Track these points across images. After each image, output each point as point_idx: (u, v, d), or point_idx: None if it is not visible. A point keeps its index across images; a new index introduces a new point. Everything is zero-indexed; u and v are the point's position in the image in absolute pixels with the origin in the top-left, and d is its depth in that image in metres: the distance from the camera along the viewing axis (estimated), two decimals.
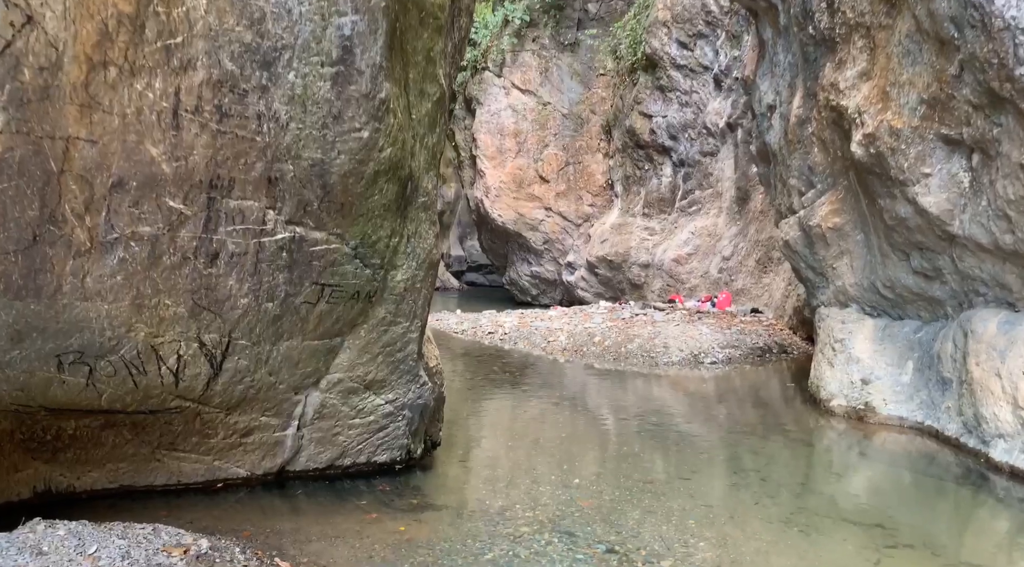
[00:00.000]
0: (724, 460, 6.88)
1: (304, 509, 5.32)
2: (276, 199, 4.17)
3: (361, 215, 4.53)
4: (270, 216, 4.22)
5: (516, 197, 22.27)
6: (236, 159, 3.95)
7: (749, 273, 17.72)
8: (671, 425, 8.18)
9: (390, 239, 4.79)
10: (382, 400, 5.60)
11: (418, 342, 5.48)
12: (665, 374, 11.77)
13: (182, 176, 3.84)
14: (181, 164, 3.79)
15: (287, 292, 4.59)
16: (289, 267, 4.48)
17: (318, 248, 4.50)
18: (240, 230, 4.17)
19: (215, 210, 4.03)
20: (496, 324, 16.10)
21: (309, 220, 4.36)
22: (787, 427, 8.33)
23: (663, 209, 20.08)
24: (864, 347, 8.65)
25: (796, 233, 9.54)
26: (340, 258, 4.63)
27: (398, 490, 5.74)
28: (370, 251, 4.73)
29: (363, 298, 4.90)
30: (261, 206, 4.15)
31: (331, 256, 4.58)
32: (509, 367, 11.98)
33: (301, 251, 4.45)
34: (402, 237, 4.89)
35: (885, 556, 4.73)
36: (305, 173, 4.18)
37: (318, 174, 4.22)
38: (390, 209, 4.65)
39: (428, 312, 5.61)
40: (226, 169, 3.93)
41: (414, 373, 5.63)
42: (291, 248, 4.40)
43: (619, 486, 5.95)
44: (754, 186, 17.66)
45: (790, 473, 6.61)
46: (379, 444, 5.82)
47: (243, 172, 3.99)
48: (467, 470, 6.36)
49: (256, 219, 4.18)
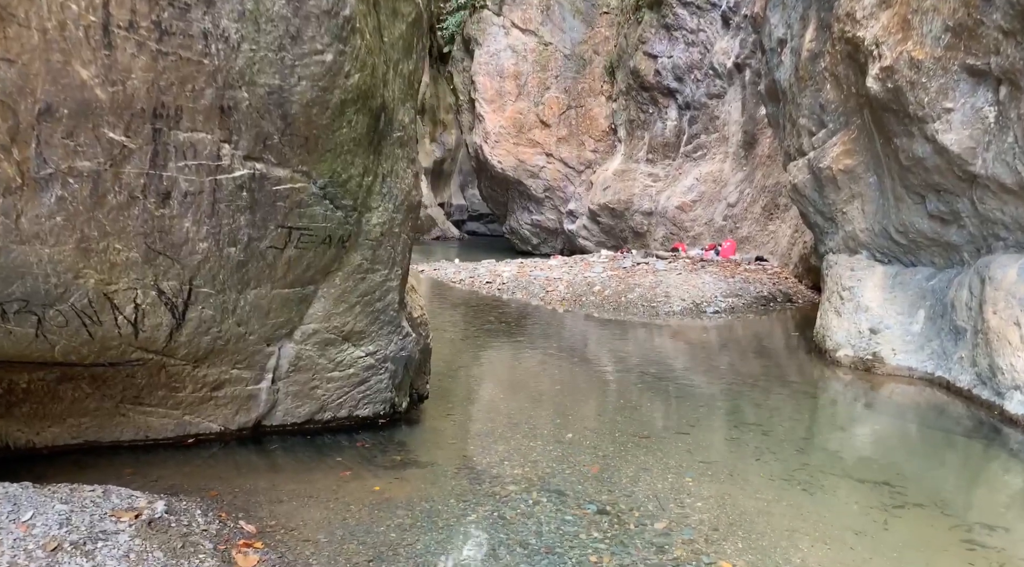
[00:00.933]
0: (724, 413, 6.59)
1: (280, 465, 5.04)
2: (231, 131, 3.75)
3: (329, 151, 4.12)
4: (225, 151, 3.81)
5: (516, 143, 21.67)
6: (182, 85, 3.52)
7: (755, 220, 17.25)
8: (670, 376, 7.88)
9: (363, 178, 4.39)
10: (362, 352, 5.27)
11: (399, 291, 5.12)
12: (666, 324, 11.44)
13: (121, 103, 3.42)
14: (118, 89, 3.37)
15: (250, 236, 4.21)
16: (251, 208, 4.09)
17: (282, 187, 4.11)
18: (193, 166, 3.77)
19: (162, 143, 3.63)
20: (494, 274, 15.75)
21: (270, 156, 3.96)
22: (791, 378, 8.03)
23: (667, 154, 19.51)
24: (873, 295, 8.28)
25: (805, 176, 9.08)
26: (307, 199, 4.23)
27: (381, 446, 5.46)
28: (341, 191, 4.33)
29: (336, 243, 4.52)
30: (214, 139, 3.74)
31: (297, 196, 4.18)
32: (506, 317, 11.66)
33: (263, 190, 4.05)
34: (376, 176, 4.48)
35: (893, 516, 4.44)
36: (262, 102, 3.75)
37: (277, 103, 3.79)
38: (361, 144, 4.23)
39: (409, 259, 5.23)
40: (171, 96, 3.51)
41: (396, 324, 5.29)
42: (252, 187, 4.00)
43: (614, 441, 5.66)
44: (761, 130, 17.07)
45: (793, 427, 6.31)
46: (361, 398, 5.51)
47: (191, 100, 3.57)
48: (455, 424, 6.07)
49: (210, 154, 3.77)
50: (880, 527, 4.29)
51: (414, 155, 4.70)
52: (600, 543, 3.94)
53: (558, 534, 4.04)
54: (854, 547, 3.99)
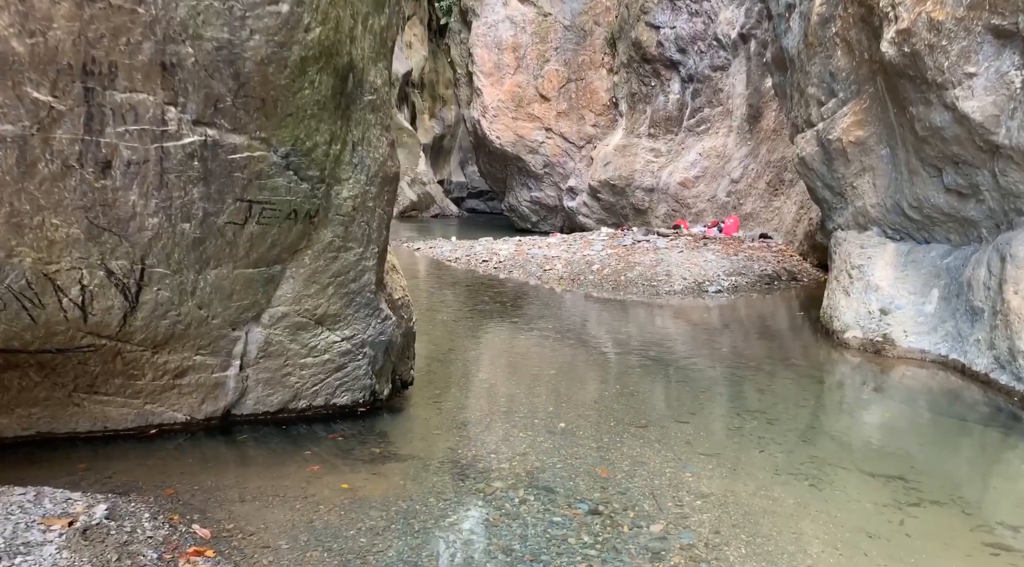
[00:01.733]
0: (727, 400, 6.22)
1: (249, 459, 4.69)
2: (176, 92, 3.34)
3: (290, 115, 3.71)
4: (171, 114, 3.41)
5: (515, 117, 21.16)
6: (115, 37, 3.11)
7: (759, 196, 16.80)
8: (670, 359, 7.51)
9: (330, 146, 3.98)
10: (337, 337, 4.90)
11: (375, 271, 4.74)
12: (667, 304, 11.06)
13: (43, 57, 3.02)
14: (38, 41, 2.96)
15: (206, 210, 3.82)
16: (204, 179, 3.69)
17: (239, 156, 3.70)
18: (134, 132, 3.37)
19: (97, 105, 3.22)
20: (491, 252, 15.35)
21: (223, 120, 3.55)
22: (796, 362, 7.65)
23: (670, 129, 19.00)
24: (884, 274, 7.88)
25: (813, 148, 8.63)
26: (268, 169, 3.83)
27: (360, 436, 5.10)
28: (305, 161, 3.93)
29: (302, 218, 4.13)
30: (157, 101, 3.33)
31: (256, 166, 3.78)
32: (501, 297, 11.28)
33: (217, 160, 3.65)
34: (345, 144, 4.07)
35: (909, 516, 4.09)
36: (210, 58, 3.34)
37: (227, 60, 3.38)
38: (326, 108, 3.82)
39: (387, 236, 4.84)
40: (103, 50, 3.10)
41: (373, 306, 4.91)
42: (204, 156, 3.60)
43: (610, 430, 5.30)
44: (767, 103, 16.56)
45: (800, 415, 5.95)
46: (338, 385, 5.15)
47: (127, 55, 3.16)
48: (441, 413, 5.71)
49: (153, 118, 3.36)
50: (895, 528, 3.93)
51: (388, 122, 4.29)
52: (590, 549, 3.58)
53: (545, 538, 3.68)
54: (868, 552, 3.63)
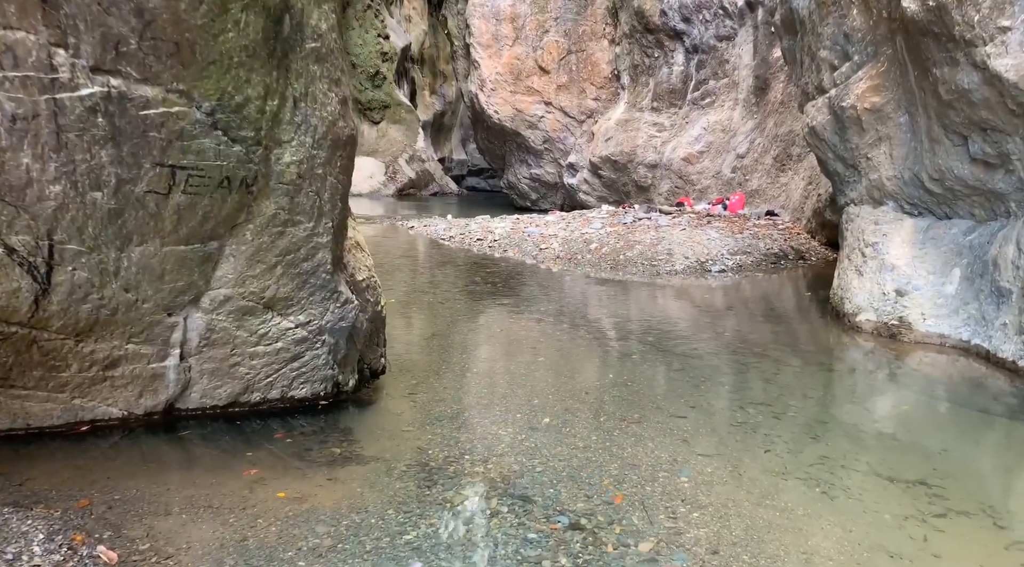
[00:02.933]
0: (729, 391, 5.68)
1: (191, 459, 4.18)
2: (64, 31, 2.78)
3: (212, 63, 3.14)
4: (61, 59, 2.85)
5: (513, 91, 20.47)
6: None
7: (765, 172, 16.16)
8: (669, 345, 6.96)
9: (265, 102, 3.41)
10: (290, 323, 4.36)
11: (331, 249, 4.18)
12: (668, 284, 10.50)
13: None
14: None
15: (119, 177, 3.26)
16: (113, 140, 3.13)
17: (153, 112, 3.14)
18: (15, 80, 2.81)
19: None
20: (486, 230, 14.79)
21: (129, 68, 2.98)
22: (805, 347, 7.10)
23: (673, 102, 18.30)
24: (901, 252, 7.30)
25: (825, 117, 8.01)
26: (191, 128, 3.27)
27: (321, 433, 4.59)
28: (236, 118, 3.36)
29: (237, 187, 3.57)
30: (40, 41, 2.77)
31: (176, 125, 3.22)
32: (493, 277, 10.73)
33: (126, 116, 3.09)
34: (284, 100, 3.50)
35: (934, 530, 3.55)
36: None
37: None
38: (257, 56, 3.25)
39: (345, 208, 4.28)
40: None
41: (330, 289, 4.36)
42: (109, 111, 3.04)
43: (599, 427, 4.77)
44: (774, 74, 15.86)
45: (808, 407, 5.41)
46: (295, 376, 4.63)
47: None
48: (415, 406, 5.18)
49: (38, 63, 2.80)
50: (920, 546, 3.40)
51: (339, 75, 3.71)
52: None
53: (515, 561, 3.16)
54: None
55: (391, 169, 30.38)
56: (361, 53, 31.77)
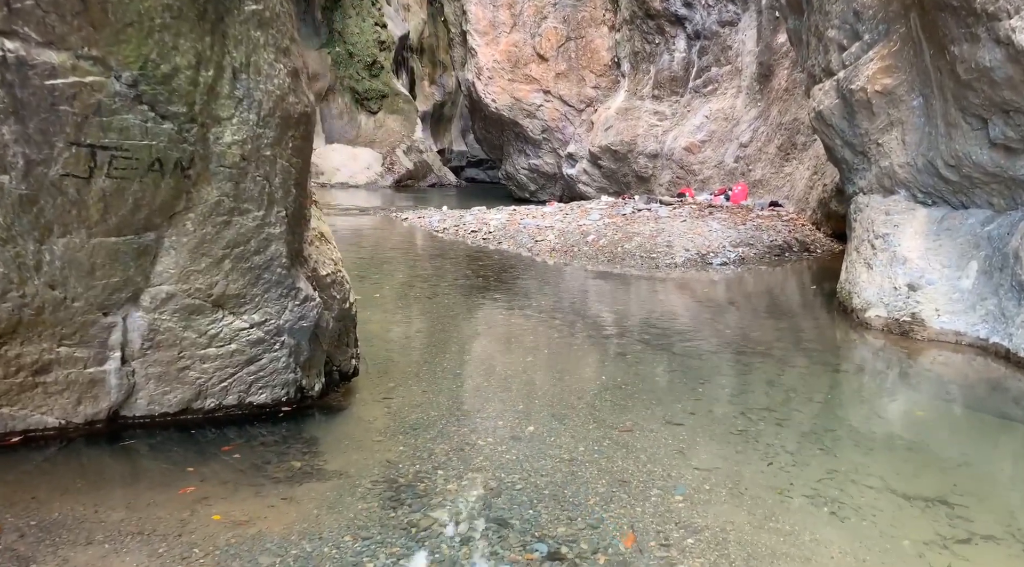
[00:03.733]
0: (730, 394, 5.26)
1: (135, 473, 3.79)
2: None
3: (130, 25, 2.73)
4: None
5: (511, 79, 19.99)
6: None
7: (769, 162, 15.70)
8: (667, 344, 6.55)
9: (197, 72, 2.99)
10: (244, 322, 3.95)
11: (286, 240, 3.77)
12: (667, 277, 10.08)
13: None
14: None
15: (28, 158, 2.85)
16: (16, 114, 2.72)
17: (62, 82, 2.72)
18: None
19: None
20: (481, 222, 14.38)
21: (28, 29, 2.57)
22: (810, 345, 6.68)
23: (675, 90, 17.82)
24: (913, 244, 6.87)
25: (832, 101, 7.57)
26: (110, 102, 2.85)
27: (282, 444, 4.18)
28: (164, 91, 2.95)
29: (172, 170, 3.15)
30: None
31: (91, 97, 2.80)
32: (485, 271, 10.31)
33: (29, 86, 2.68)
34: (221, 70, 3.08)
35: (959, 559, 3.14)
36: None
37: None
38: (184, 18, 2.83)
39: (303, 196, 3.86)
40: None
41: (287, 285, 3.95)
42: (7, 80, 2.62)
43: (587, 437, 4.36)
44: (778, 60, 15.38)
45: (815, 413, 4.99)
46: (253, 381, 4.22)
47: None
48: (389, 412, 4.77)
49: None
50: None
51: (287, 43, 3.29)
52: None
53: None
54: None
55: (388, 160, 29.94)
56: (358, 42, 31.28)
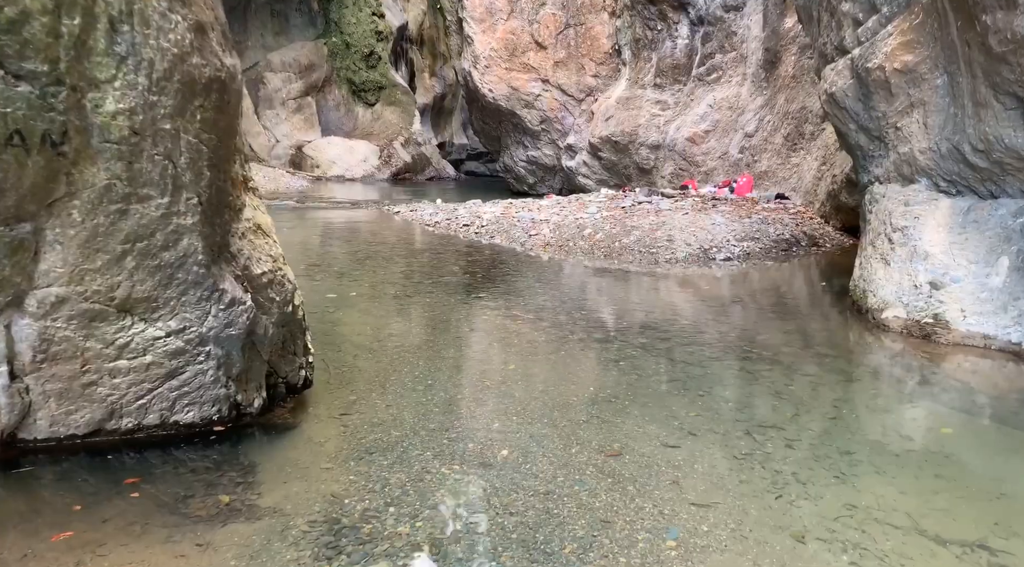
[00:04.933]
0: (734, 409, 4.65)
1: (20, 512, 3.19)
2: None
3: None
4: None
5: (508, 68, 19.35)
6: None
7: (775, 152, 15.04)
8: (664, 349, 5.94)
9: (58, 20, 2.39)
10: (159, 330, 3.35)
11: (202, 234, 3.17)
12: (668, 274, 9.46)
13: None
14: None
15: None
16: None
17: None
18: None
19: None
20: (474, 215, 13.76)
21: None
22: (822, 350, 6.05)
23: (677, 78, 17.15)
24: (936, 237, 6.24)
25: (846, 81, 6.92)
26: None
27: (213, 471, 3.60)
28: (12, 43, 2.34)
29: (39, 146, 2.56)
30: None
31: None
32: (474, 267, 9.71)
33: None
34: (93, 19, 2.48)
35: None
36: None
37: None
38: None
39: (227, 179, 3.26)
40: None
41: (209, 287, 3.35)
42: None
43: (568, 463, 3.76)
44: (786, 46, 14.71)
45: (830, 432, 4.37)
46: (176, 397, 3.63)
47: None
48: (344, 432, 4.17)
49: None
50: None
51: None
52: None
53: None
54: None
55: (386, 153, 29.32)
56: (355, 32, 30.63)
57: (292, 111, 29.92)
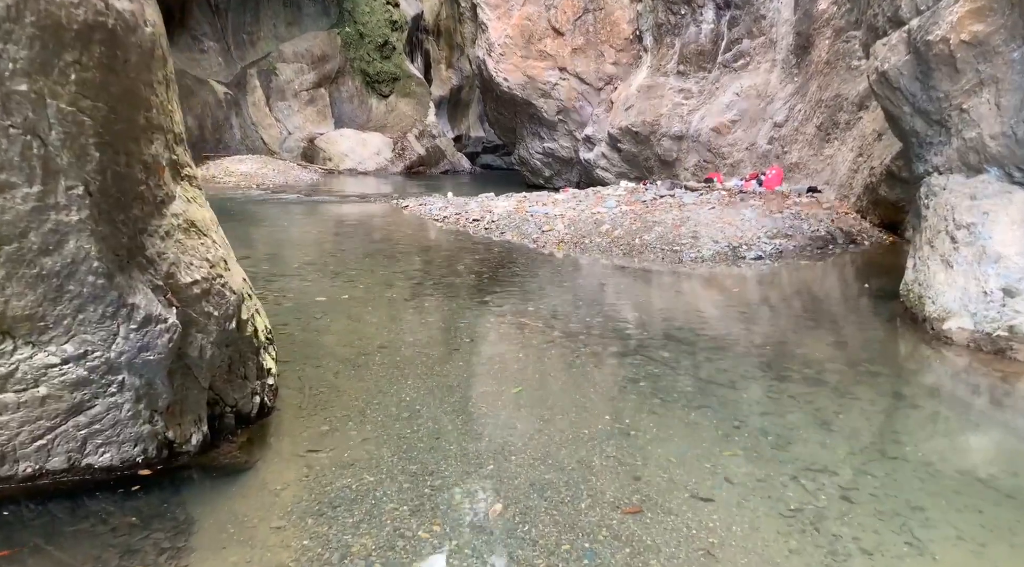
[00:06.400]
0: (774, 447, 3.85)
1: None
2: None
3: None
4: None
5: (524, 56, 18.54)
6: None
7: (807, 143, 14.12)
8: (690, 365, 5.15)
9: None
10: (52, 357, 2.64)
11: (95, 233, 2.44)
12: (692, 273, 8.65)
13: None
14: None
15: None
16: None
17: None
18: None
19: None
20: (485, 210, 13.02)
21: None
22: (873, 368, 5.22)
23: (702, 65, 16.25)
24: (1009, 236, 5.39)
25: (900, 58, 6.07)
26: None
27: (136, 530, 2.90)
28: None
29: None
30: None
31: None
32: (481, 266, 8.95)
33: None
34: None
35: None
36: None
37: None
38: None
39: (134, 163, 2.52)
40: None
41: (112, 301, 2.62)
42: None
43: (575, 524, 3.00)
44: (819, 29, 13.78)
45: (894, 479, 3.56)
46: (86, 437, 2.91)
47: None
48: (306, 476, 3.43)
49: None
50: None
51: None
52: None
53: None
54: None
55: (399, 145, 28.63)
56: (369, 22, 29.95)
57: (305, 103, 29.34)
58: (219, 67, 28.31)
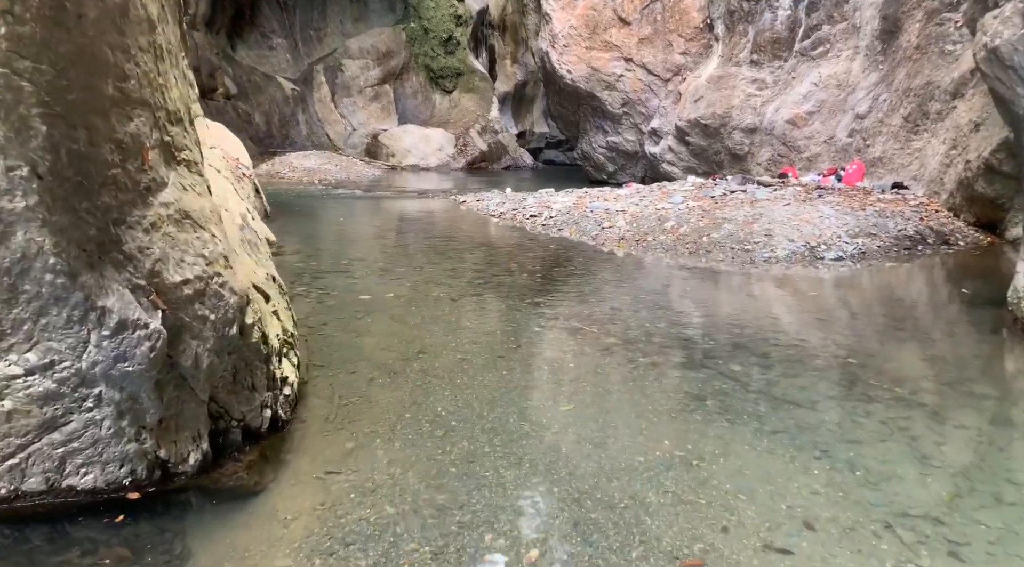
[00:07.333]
0: (863, 485, 3.25)
1: None
2: None
3: None
4: None
5: (588, 47, 17.95)
6: None
7: (892, 135, 13.11)
8: (763, 384, 4.56)
9: None
10: (15, 367, 2.30)
11: (50, 223, 2.08)
12: (766, 275, 7.98)
13: None
14: None
15: None
16: None
17: None
18: None
19: None
20: (543, 205, 12.53)
21: None
22: (977, 387, 4.52)
23: (777, 54, 15.36)
24: None
25: (1016, 30, 5.30)
26: None
27: (126, 562, 2.54)
28: None
29: None
30: None
31: None
32: (535, 264, 8.48)
33: None
34: None
35: None
36: None
37: None
38: None
39: (97, 140, 2.15)
40: None
41: (79, 304, 2.26)
42: None
43: None
44: (909, 12, 12.77)
45: (1014, 531, 2.93)
46: (63, 456, 2.58)
47: None
48: (322, 504, 3.03)
49: None
50: None
51: None
52: None
53: None
54: None
55: (461, 141, 28.38)
56: (433, 17, 29.79)
57: (369, 99, 29.40)
58: (287, 64, 28.64)
